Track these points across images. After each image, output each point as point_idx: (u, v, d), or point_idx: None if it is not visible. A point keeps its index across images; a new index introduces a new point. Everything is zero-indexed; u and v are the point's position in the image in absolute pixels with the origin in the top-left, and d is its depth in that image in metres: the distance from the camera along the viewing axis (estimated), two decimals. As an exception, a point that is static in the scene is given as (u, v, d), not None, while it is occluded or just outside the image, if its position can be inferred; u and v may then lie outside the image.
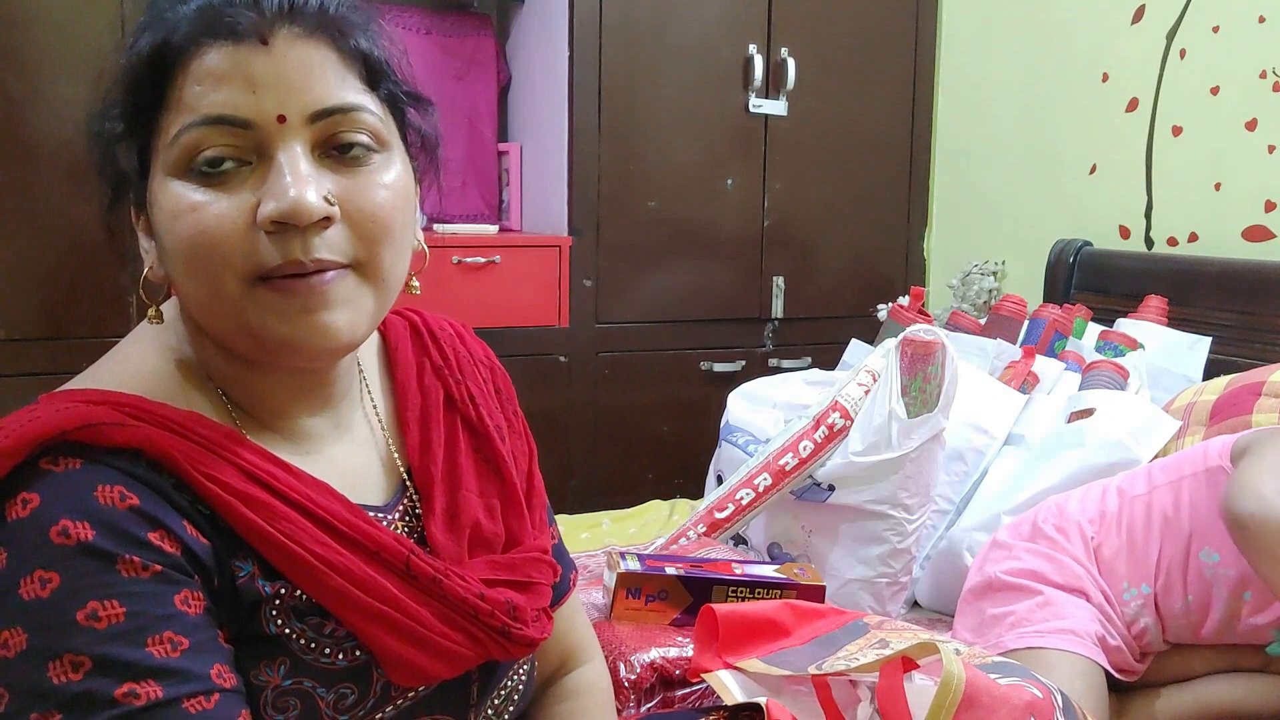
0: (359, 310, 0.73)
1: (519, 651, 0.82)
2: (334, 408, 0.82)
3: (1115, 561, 1.55)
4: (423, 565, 0.76)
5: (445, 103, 2.90)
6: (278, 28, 0.70)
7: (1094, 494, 1.64)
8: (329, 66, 0.72)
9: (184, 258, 0.71)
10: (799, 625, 1.07)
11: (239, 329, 0.72)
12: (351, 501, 0.77)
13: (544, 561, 0.87)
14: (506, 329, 2.65)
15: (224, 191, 0.70)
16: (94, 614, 0.64)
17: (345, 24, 0.74)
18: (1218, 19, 2.42)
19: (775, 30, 2.88)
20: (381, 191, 0.74)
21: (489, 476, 0.88)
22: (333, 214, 0.71)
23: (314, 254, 0.70)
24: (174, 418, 0.71)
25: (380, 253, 0.73)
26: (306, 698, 0.73)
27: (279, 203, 0.69)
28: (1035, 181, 2.87)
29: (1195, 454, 1.57)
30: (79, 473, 0.66)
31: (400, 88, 0.79)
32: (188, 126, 0.69)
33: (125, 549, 0.65)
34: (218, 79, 0.69)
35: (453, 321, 0.95)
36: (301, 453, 0.79)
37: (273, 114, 0.70)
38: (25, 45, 2.19)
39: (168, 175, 0.71)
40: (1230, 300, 2.29)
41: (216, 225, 0.69)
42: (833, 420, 1.82)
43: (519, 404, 0.96)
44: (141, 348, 0.78)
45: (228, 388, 0.78)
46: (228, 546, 0.71)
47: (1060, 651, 1.45)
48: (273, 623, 0.72)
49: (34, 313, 2.26)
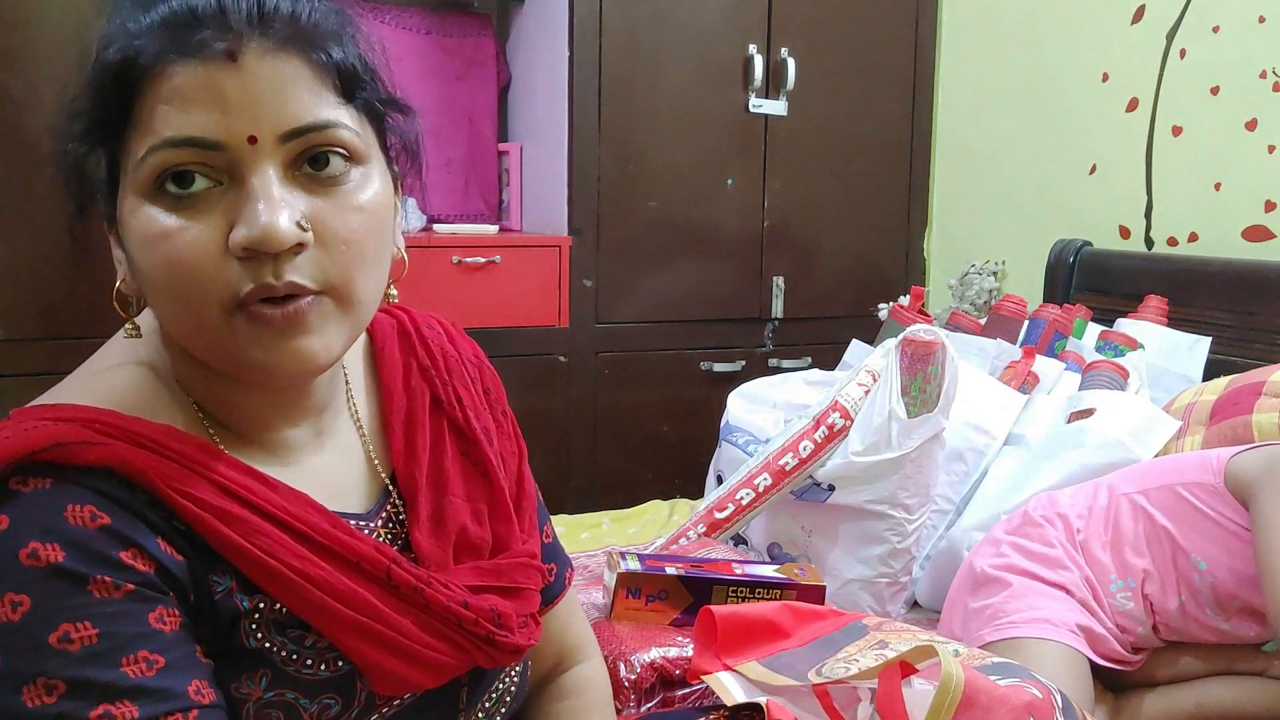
0: (333, 334, 0.72)
1: (505, 659, 0.81)
2: (315, 417, 0.81)
3: (1101, 555, 1.55)
4: (404, 575, 0.75)
5: (445, 103, 2.91)
6: (247, 43, 0.67)
7: (1085, 489, 1.65)
8: (301, 82, 0.69)
9: (159, 285, 0.70)
10: (798, 627, 1.07)
11: (217, 353, 0.71)
12: (331, 512, 0.76)
13: (532, 567, 0.86)
14: (506, 329, 2.65)
15: (194, 217, 0.68)
16: (66, 636, 0.63)
17: (317, 34, 0.71)
18: (1218, 19, 2.42)
19: (775, 30, 2.88)
20: (355, 216, 0.71)
21: (476, 480, 0.86)
22: (306, 240, 0.69)
23: (286, 278, 0.68)
24: (147, 433, 0.70)
25: (354, 277, 0.72)
26: (289, 709, 0.72)
27: (249, 230, 0.67)
28: (1035, 181, 2.87)
29: (1192, 462, 1.56)
30: (48, 493, 0.65)
31: (378, 95, 0.76)
32: (154, 148, 0.67)
33: (96, 569, 0.65)
34: (185, 99, 0.67)
35: (441, 319, 0.93)
36: (281, 464, 0.78)
37: (243, 135, 0.67)
38: (25, 45, 2.19)
39: (137, 196, 0.69)
40: (1230, 300, 2.29)
41: (190, 253, 0.67)
42: (833, 420, 1.82)
43: (514, 404, 0.95)
44: (115, 361, 0.77)
45: (204, 402, 0.77)
46: (204, 562, 0.70)
47: (1038, 640, 1.45)
48: (252, 637, 0.71)
49: (34, 313, 2.26)
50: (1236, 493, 1.46)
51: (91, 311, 2.25)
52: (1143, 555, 1.53)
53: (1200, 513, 1.49)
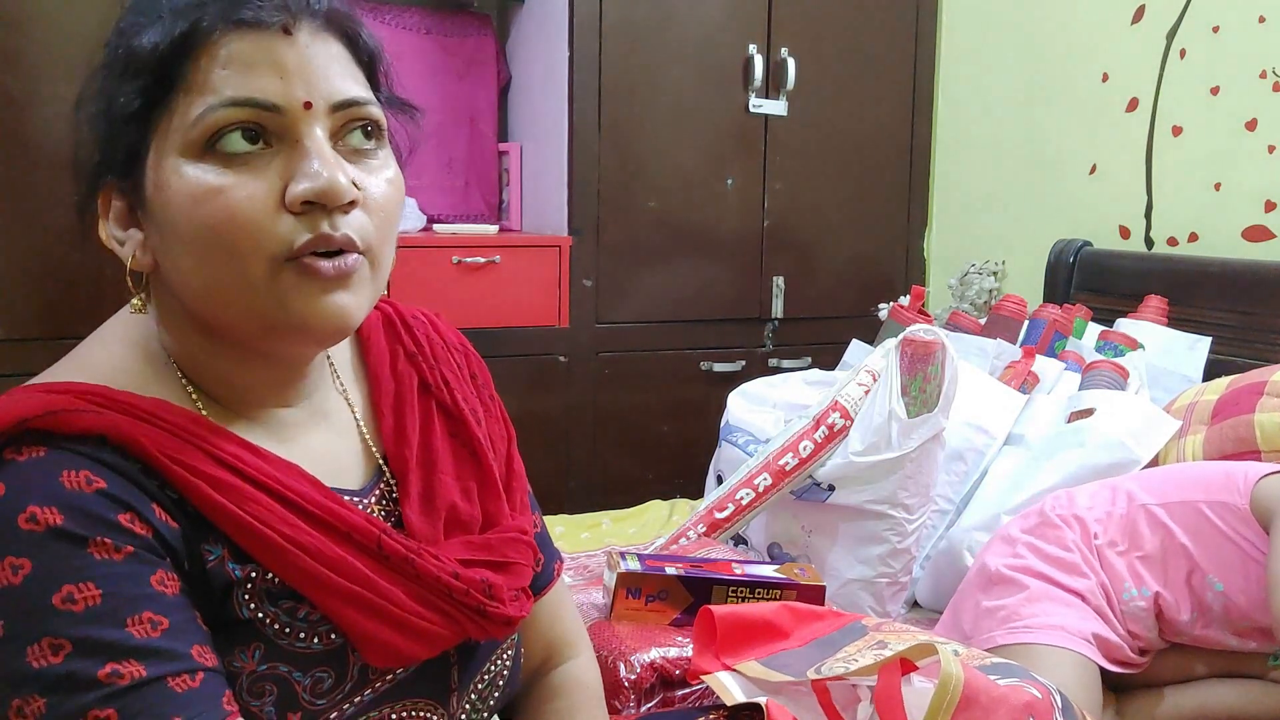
0: (365, 297, 0.75)
1: (497, 631, 0.82)
2: (308, 397, 0.83)
3: (1117, 562, 1.54)
4: (394, 545, 0.76)
5: (445, 102, 2.90)
6: (300, 20, 0.72)
7: (1104, 492, 1.63)
8: (343, 60, 0.75)
9: (204, 242, 0.71)
10: (797, 627, 1.07)
11: (251, 312, 0.72)
12: (323, 484, 0.77)
13: (522, 541, 0.87)
14: (506, 329, 2.65)
15: (248, 174, 0.71)
16: (70, 597, 0.64)
17: (351, 22, 0.77)
18: (1218, 19, 2.42)
19: (775, 30, 2.88)
20: (388, 185, 0.76)
21: (465, 460, 0.88)
22: (358, 198, 0.73)
23: (342, 231, 0.72)
24: (139, 405, 0.71)
25: (385, 241, 0.76)
26: (282, 682, 0.73)
27: (313, 183, 0.70)
28: (1035, 181, 2.87)
29: (1216, 478, 1.54)
30: (43, 459, 0.66)
31: (388, 91, 0.82)
32: (213, 107, 0.70)
33: (96, 531, 0.65)
34: (245, 64, 0.70)
35: (425, 310, 0.95)
36: (276, 440, 0.79)
37: (300, 100, 0.71)
38: (25, 45, 2.19)
39: (182, 157, 0.71)
40: (1230, 300, 2.29)
41: (246, 206, 0.70)
42: (833, 420, 1.82)
43: (514, 404, 0.96)
44: (106, 341, 0.78)
45: (200, 379, 0.78)
46: (196, 530, 0.71)
47: (1051, 647, 1.45)
48: (245, 607, 0.72)
49: (34, 313, 2.26)
50: (1261, 516, 1.45)
51: (91, 311, 2.25)
52: (1158, 568, 1.52)
53: (1222, 534, 1.48)
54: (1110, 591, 1.53)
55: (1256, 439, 1.73)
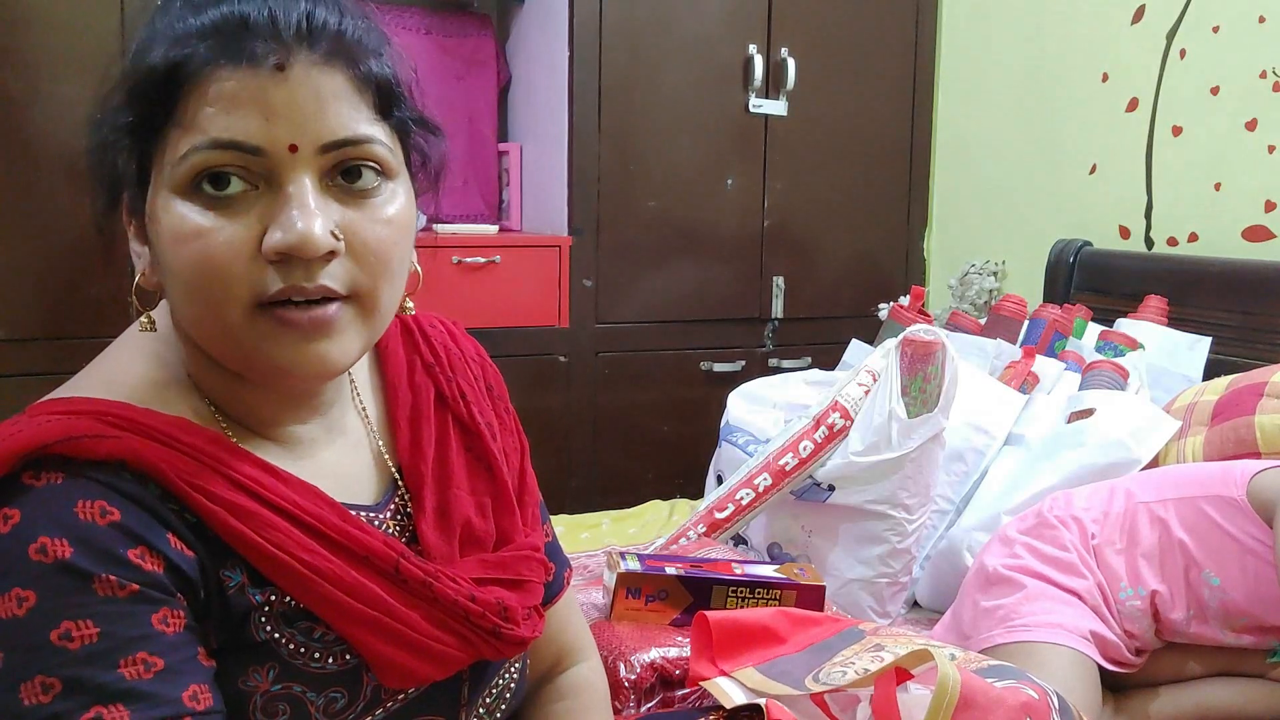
0: (352, 341, 0.74)
1: (510, 651, 0.82)
2: (324, 413, 0.82)
3: (1115, 562, 1.55)
4: (413, 569, 0.76)
5: (445, 102, 2.90)
6: (295, 54, 0.69)
7: (1102, 492, 1.63)
8: (342, 96, 0.72)
9: (186, 282, 0.70)
10: (794, 632, 1.07)
11: (236, 353, 0.72)
12: (341, 505, 0.77)
13: (535, 559, 0.87)
14: (506, 329, 2.65)
15: (229, 217, 0.69)
16: (68, 634, 0.64)
17: (359, 50, 0.73)
18: (1218, 19, 2.42)
19: (775, 30, 2.88)
20: (384, 228, 0.73)
21: (480, 474, 0.87)
22: (338, 248, 0.71)
23: (317, 281, 0.70)
24: (160, 426, 0.71)
25: (379, 286, 0.74)
26: (296, 702, 0.73)
27: (286, 235, 0.69)
28: (1035, 181, 2.87)
29: (1213, 475, 1.55)
30: (60, 487, 0.66)
31: (410, 114, 0.78)
32: (197, 148, 0.69)
33: (103, 567, 0.65)
34: (232, 104, 0.68)
35: (444, 319, 0.94)
36: (293, 457, 0.79)
37: (285, 143, 0.69)
38: (25, 45, 2.19)
39: (171, 193, 0.70)
40: (1230, 300, 2.29)
41: (223, 253, 0.69)
42: (833, 420, 1.82)
43: (516, 403, 0.96)
44: (129, 354, 0.78)
45: (216, 397, 0.77)
46: (215, 556, 0.71)
47: (1050, 645, 1.45)
48: (261, 629, 0.72)
49: (34, 313, 2.26)
50: (1260, 509, 1.45)
51: (91, 311, 2.25)
52: (1155, 566, 1.52)
53: (1220, 528, 1.48)
54: (1107, 592, 1.54)
55: (1257, 440, 1.73)
